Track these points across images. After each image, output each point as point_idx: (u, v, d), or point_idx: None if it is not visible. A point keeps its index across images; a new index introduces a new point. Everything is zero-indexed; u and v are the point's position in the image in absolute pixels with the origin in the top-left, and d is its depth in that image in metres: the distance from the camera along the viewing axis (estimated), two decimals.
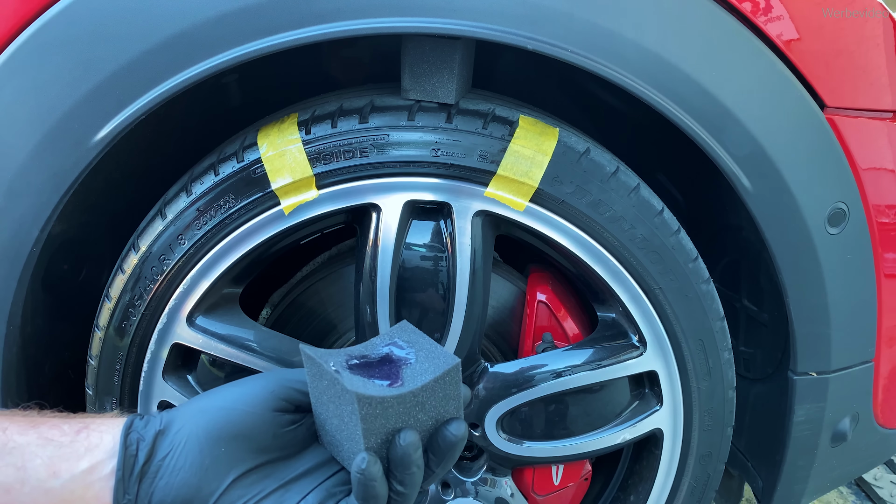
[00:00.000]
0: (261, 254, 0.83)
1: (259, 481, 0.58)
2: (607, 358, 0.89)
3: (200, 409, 0.59)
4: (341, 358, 0.60)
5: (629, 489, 1.03)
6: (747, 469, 1.09)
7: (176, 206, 0.81)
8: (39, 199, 0.76)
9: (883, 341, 0.95)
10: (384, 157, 0.78)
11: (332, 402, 0.57)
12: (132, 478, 0.55)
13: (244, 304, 0.90)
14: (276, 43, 0.70)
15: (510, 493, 0.99)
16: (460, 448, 0.59)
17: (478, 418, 0.91)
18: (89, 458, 0.55)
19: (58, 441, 0.55)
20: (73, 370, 0.98)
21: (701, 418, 0.94)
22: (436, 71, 0.77)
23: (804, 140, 0.82)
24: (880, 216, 0.87)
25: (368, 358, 0.61)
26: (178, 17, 0.70)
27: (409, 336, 0.64)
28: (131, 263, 0.82)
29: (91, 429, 0.57)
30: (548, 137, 0.80)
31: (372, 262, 0.82)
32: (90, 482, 0.55)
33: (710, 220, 1.06)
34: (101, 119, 0.73)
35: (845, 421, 0.98)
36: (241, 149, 0.80)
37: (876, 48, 0.84)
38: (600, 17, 0.72)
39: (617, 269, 0.85)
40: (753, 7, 0.76)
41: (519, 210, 0.81)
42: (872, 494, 1.82)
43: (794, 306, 0.88)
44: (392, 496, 0.57)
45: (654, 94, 0.75)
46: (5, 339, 0.82)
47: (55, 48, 0.71)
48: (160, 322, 0.84)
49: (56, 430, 0.56)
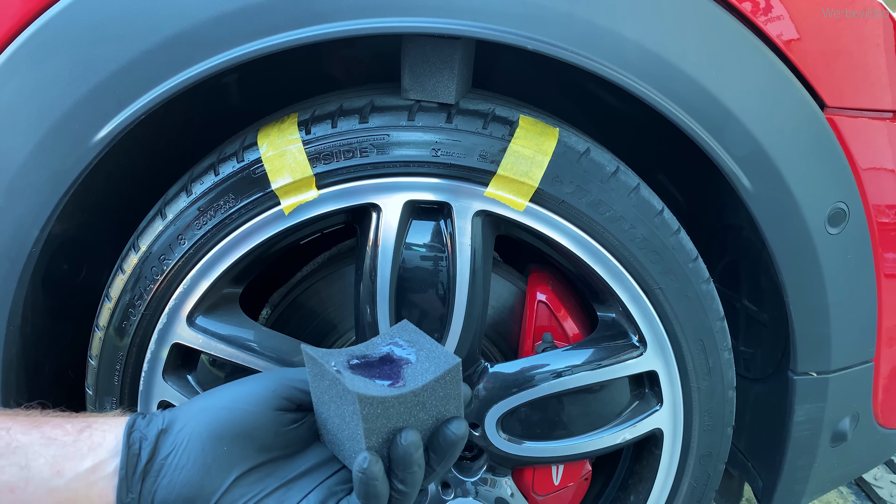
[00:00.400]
0: (261, 254, 0.83)
1: (261, 480, 0.58)
2: (607, 358, 0.89)
3: (202, 407, 0.59)
4: (342, 358, 0.60)
5: (629, 489, 1.03)
6: (747, 469, 1.09)
7: (176, 206, 0.81)
8: (39, 199, 0.76)
9: (883, 341, 0.95)
10: (384, 157, 0.78)
11: (334, 402, 0.57)
12: (135, 476, 0.55)
13: (244, 305, 0.90)
14: (276, 43, 0.70)
15: (510, 493, 0.99)
16: (461, 447, 0.59)
17: (478, 418, 0.91)
18: (92, 457, 0.55)
19: (61, 440, 0.56)
20: (73, 370, 0.98)
21: (701, 418, 0.94)
22: (436, 71, 0.77)
23: (804, 140, 0.82)
24: (880, 216, 0.87)
25: (369, 358, 0.61)
26: (178, 17, 0.70)
27: (409, 335, 0.64)
28: (131, 263, 0.82)
29: (94, 428, 0.57)
30: (548, 137, 0.80)
31: (372, 262, 0.82)
32: (93, 481, 0.55)
33: (710, 220, 1.06)
34: (101, 119, 0.73)
35: (845, 421, 0.98)
36: (241, 149, 0.80)
37: (876, 48, 0.84)
38: (600, 17, 0.72)
39: (617, 269, 0.85)
40: (753, 7, 0.76)
41: (519, 210, 0.81)
42: (872, 494, 1.82)
43: (794, 306, 0.88)
44: (393, 495, 0.57)
45: (654, 94, 0.75)
46: (5, 339, 0.82)
47: (55, 48, 0.71)
48: (160, 322, 0.84)
49: (59, 430, 0.56)
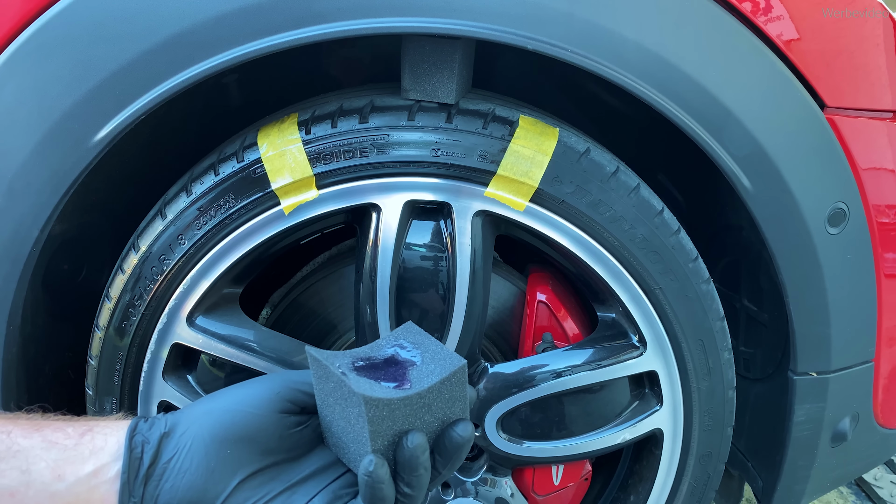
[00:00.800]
0: (261, 254, 0.83)
1: (265, 483, 0.58)
2: (607, 358, 0.89)
3: (206, 411, 0.59)
4: (347, 360, 0.60)
5: (629, 489, 1.03)
6: (747, 469, 1.09)
7: (176, 206, 0.81)
8: (39, 199, 0.76)
9: (883, 341, 0.95)
10: (384, 157, 0.78)
11: (339, 405, 0.57)
12: (137, 480, 0.55)
13: (244, 305, 0.90)
14: (276, 43, 0.70)
15: (510, 493, 0.99)
16: (467, 449, 0.59)
17: (478, 418, 0.91)
18: (94, 461, 0.55)
19: (62, 444, 0.55)
20: (73, 370, 0.98)
21: (701, 418, 0.94)
22: (436, 71, 0.77)
23: (804, 140, 0.82)
24: (880, 216, 0.87)
25: (374, 360, 0.61)
26: (177, 17, 0.69)
27: (414, 337, 0.64)
28: (131, 263, 0.82)
29: (95, 432, 0.57)
30: (548, 137, 0.80)
31: (372, 262, 0.82)
32: (95, 485, 0.55)
33: (710, 220, 1.06)
34: (101, 119, 0.73)
35: (845, 421, 0.98)
36: (241, 149, 0.80)
37: (876, 48, 0.84)
38: (600, 16, 0.72)
39: (617, 269, 0.85)
40: (753, 7, 0.76)
41: (519, 210, 0.81)
42: (872, 494, 1.82)
43: (794, 306, 0.88)
44: (399, 498, 0.57)
45: (655, 94, 0.75)
46: (5, 339, 0.82)
47: (55, 48, 0.71)
48: (160, 322, 0.84)
49: (60, 433, 0.56)
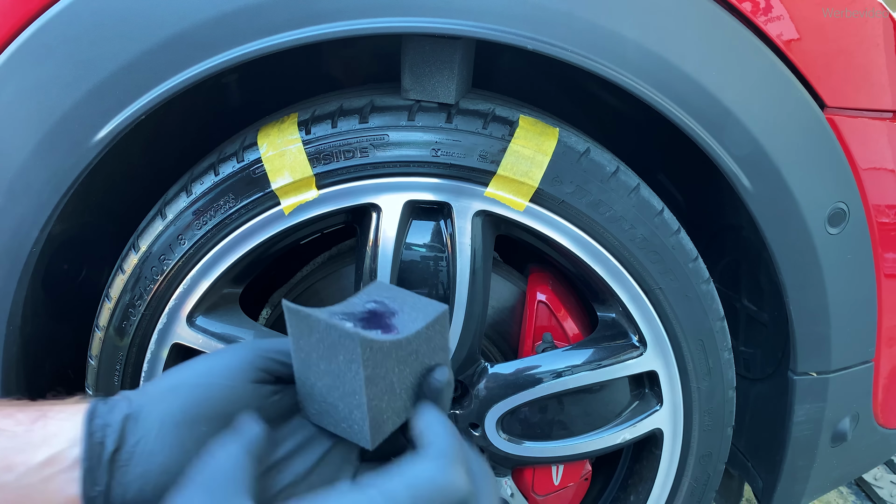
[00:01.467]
0: (261, 254, 0.83)
1: None
2: (607, 358, 0.89)
3: (172, 386, 0.53)
4: (325, 314, 0.56)
5: (629, 489, 1.03)
6: (747, 469, 1.09)
7: (176, 206, 0.81)
8: (39, 199, 0.76)
9: (883, 341, 0.95)
10: (384, 157, 0.78)
11: (324, 360, 0.53)
12: (101, 467, 0.50)
13: (244, 305, 0.90)
14: (276, 43, 0.70)
15: (510, 493, 0.99)
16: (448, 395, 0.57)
17: (478, 418, 0.91)
18: (46, 449, 0.49)
19: (10, 431, 0.50)
20: (73, 370, 0.98)
21: (701, 418, 0.94)
22: (436, 71, 0.77)
23: (804, 140, 0.81)
24: (880, 216, 0.87)
25: (354, 313, 0.58)
26: (177, 17, 0.69)
27: (388, 291, 0.62)
28: (131, 263, 0.82)
29: (49, 417, 0.51)
30: (548, 137, 0.80)
31: (372, 262, 0.82)
32: (49, 475, 0.49)
33: (710, 220, 1.06)
34: (101, 119, 0.73)
35: (845, 421, 0.98)
36: (241, 149, 0.80)
37: (876, 48, 0.84)
38: (600, 16, 0.72)
39: (617, 269, 0.85)
40: (753, 7, 0.76)
41: (519, 210, 0.81)
42: (872, 494, 1.82)
43: (794, 306, 0.88)
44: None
45: (655, 94, 0.75)
46: (5, 339, 0.82)
47: (55, 48, 0.71)
48: (160, 322, 0.84)
49: (10, 420, 0.51)
